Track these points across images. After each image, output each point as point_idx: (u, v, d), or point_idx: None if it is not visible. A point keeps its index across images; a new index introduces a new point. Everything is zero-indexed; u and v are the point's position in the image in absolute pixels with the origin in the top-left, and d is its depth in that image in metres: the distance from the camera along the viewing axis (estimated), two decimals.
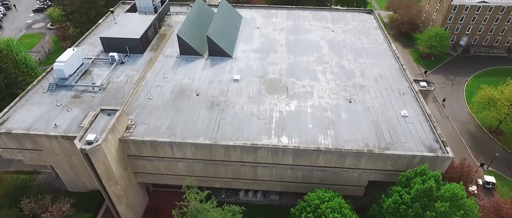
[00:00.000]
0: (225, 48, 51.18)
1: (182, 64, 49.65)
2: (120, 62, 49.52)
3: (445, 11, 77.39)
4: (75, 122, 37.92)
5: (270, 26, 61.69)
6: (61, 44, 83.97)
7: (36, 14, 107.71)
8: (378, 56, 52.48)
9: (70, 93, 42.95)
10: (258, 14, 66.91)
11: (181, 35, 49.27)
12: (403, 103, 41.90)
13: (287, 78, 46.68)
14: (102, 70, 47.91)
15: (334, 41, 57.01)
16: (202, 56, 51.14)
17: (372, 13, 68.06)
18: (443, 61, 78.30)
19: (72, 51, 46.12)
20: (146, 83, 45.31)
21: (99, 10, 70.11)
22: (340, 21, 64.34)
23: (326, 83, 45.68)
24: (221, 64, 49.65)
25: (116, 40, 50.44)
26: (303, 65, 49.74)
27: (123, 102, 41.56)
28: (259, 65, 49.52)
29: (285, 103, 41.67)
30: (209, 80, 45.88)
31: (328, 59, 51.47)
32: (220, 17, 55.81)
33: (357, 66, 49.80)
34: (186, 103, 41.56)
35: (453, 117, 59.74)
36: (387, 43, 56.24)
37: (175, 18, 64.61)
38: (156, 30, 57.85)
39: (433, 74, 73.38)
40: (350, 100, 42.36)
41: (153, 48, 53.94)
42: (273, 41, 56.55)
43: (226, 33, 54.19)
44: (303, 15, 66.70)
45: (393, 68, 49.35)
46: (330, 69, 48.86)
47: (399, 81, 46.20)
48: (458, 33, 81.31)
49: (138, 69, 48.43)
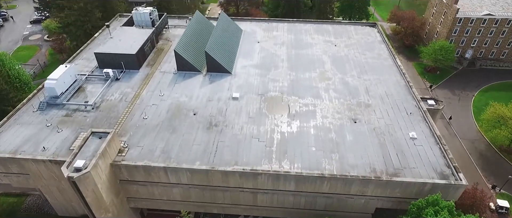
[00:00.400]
0: (224, 64, 49.62)
1: (179, 80, 48.03)
2: (115, 78, 47.94)
3: (450, 24, 76.04)
4: (65, 144, 36.10)
5: (271, 40, 60.29)
6: (57, 57, 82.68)
7: (34, 25, 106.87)
8: (383, 72, 50.84)
9: (61, 113, 41.24)
10: (258, 27, 65.62)
11: (178, 50, 47.78)
12: (411, 123, 40.04)
13: (289, 96, 44.97)
14: (96, 87, 46.31)
15: (337, 56, 55.48)
16: (200, 72, 49.56)
17: (376, 26, 66.74)
18: (449, 75, 76.61)
19: (64, 68, 44.55)
20: (141, 101, 43.62)
21: (95, 23, 68.94)
22: (343, 35, 62.95)
23: (330, 102, 43.93)
24: (220, 81, 48.01)
25: (111, 56, 48.93)
26: (305, 82, 48.08)
27: (117, 122, 39.80)
28: (259, 82, 47.87)
29: (286, 123, 39.86)
30: (207, 98, 44.19)
31: (331, 76, 49.84)
32: (219, 31, 54.44)
33: (362, 83, 48.12)
34: (183, 123, 39.79)
35: (461, 134, 57.75)
36: (392, 58, 54.67)
37: (173, 31, 63.33)
38: (153, 44, 56.45)
39: (439, 89, 71.63)
40: (355, 120, 40.54)
41: (149, 63, 52.42)
42: (274, 56, 55.05)
43: (225, 48, 52.73)
44: (304, 28, 65.39)
45: (399, 85, 47.64)
46: (333, 87, 47.17)
47: (405, 100, 44.43)
48: (464, 46, 79.84)
49: (134, 86, 46.80)
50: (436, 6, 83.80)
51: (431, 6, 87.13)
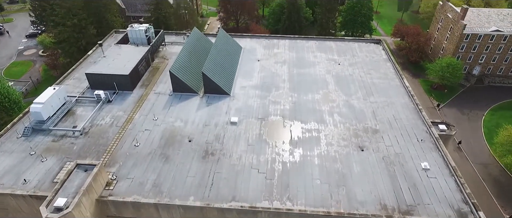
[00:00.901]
0: (222, 85, 47.41)
1: (174, 103, 45.74)
2: (106, 100, 45.67)
3: (456, 40, 74.32)
4: (49, 176, 33.60)
5: (272, 58, 58.25)
6: (51, 73, 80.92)
7: (29, 39, 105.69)
8: (390, 93, 48.55)
9: (47, 139, 38.83)
10: (258, 44, 63.70)
11: (174, 71, 45.63)
12: (423, 152, 37.50)
13: (291, 120, 42.57)
14: (87, 110, 44.02)
15: (341, 75, 53.31)
16: (197, 94, 47.31)
17: (381, 43, 64.78)
18: (456, 92, 74.56)
19: (53, 90, 42.34)
20: (133, 126, 41.23)
21: (90, 39, 67.26)
22: (347, 53, 60.93)
23: (334, 127, 41.49)
24: (217, 104, 45.71)
25: (103, 77, 46.81)
26: (308, 105, 45.74)
27: (106, 150, 37.35)
28: (259, 105, 45.55)
29: (288, 152, 37.35)
30: (204, 123, 41.80)
31: (335, 97, 47.53)
32: (217, 49, 52.45)
33: (368, 106, 45.76)
34: (177, 151, 37.31)
35: (473, 158, 55.19)
36: (399, 79, 52.45)
37: (170, 48, 61.43)
38: (148, 63, 54.41)
39: (447, 108, 69.40)
40: (362, 148, 38.02)
41: (144, 83, 50.26)
42: (274, 75, 52.89)
43: (223, 67, 50.62)
44: (306, 45, 63.44)
45: (408, 108, 45.26)
46: (338, 110, 44.80)
47: (415, 125, 41.98)
48: (471, 62, 78.03)
49: (126, 109, 44.49)
50: (442, 21, 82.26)
51: (436, 21, 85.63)
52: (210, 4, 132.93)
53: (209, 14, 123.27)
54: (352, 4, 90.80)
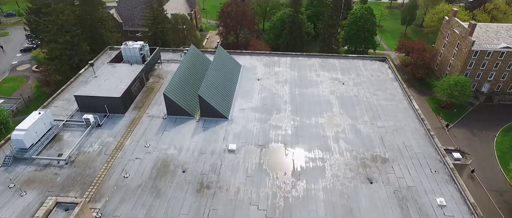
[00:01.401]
0: (220, 107, 44.90)
1: (169, 127, 43.17)
2: (96, 125, 43.13)
3: (464, 57, 72.12)
4: (27, 213, 30.83)
5: (273, 77, 55.91)
6: (43, 90, 78.68)
7: (24, 54, 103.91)
8: (399, 117, 45.97)
9: (29, 169, 36.17)
10: (259, 62, 61.47)
11: (168, 94, 43.19)
12: (437, 185, 34.68)
13: (293, 147, 39.88)
14: (74, 136, 41.46)
15: (346, 96, 50.83)
16: (193, 117, 44.78)
17: (386, 61, 62.52)
18: (465, 111, 71.97)
19: (37, 115, 39.84)
20: (123, 154, 38.57)
21: (83, 56, 65.09)
22: (351, 71, 58.61)
23: (340, 155, 38.77)
24: (214, 128, 43.12)
25: (93, 99, 44.39)
26: (312, 130, 43.12)
27: (92, 182, 34.64)
28: (259, 130, 42.94)
29: (291, 184, 34.57)
30: (199, 151, 39.14)
31: (340, 121, 44.93)
32: (216, 68, 50.17)
33: (375, 131, 43.12)
34: (169, 184, 34.57)
35: (487, 184, 52.26)
36: (407, 100, 49.95)
37: (167, 66, 59.20)
38: (142, 83, 52.07)
39: (456, 128, 66.69)
40: (371, 180, 35.24)
41: (137, 105, 47.79)
42: (276, 96, 50.43)
43: (221, 88, 48.22)
44: (308, 63, 61.19)
45: (418, 134, 42.60)
46: (343, 136, 42.14)
47: (427, 153, 39.25)
48: (480, 79, 75.65)
49: (117, 134, 41.91)
50: (448, 36, 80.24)
51: (442, 36, 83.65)
52: (209, 17, 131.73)
53: (208, 27, 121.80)
54: (355, 19, 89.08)
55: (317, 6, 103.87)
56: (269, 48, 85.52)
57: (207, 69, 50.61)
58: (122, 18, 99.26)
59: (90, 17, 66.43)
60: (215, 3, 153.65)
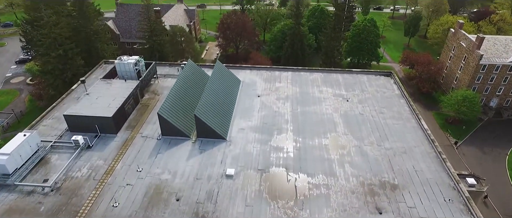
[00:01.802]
0: (218, 128, 42.65)
1: (163, 149, 40.89)
2: (86, 146, 40.86)
3: (472, 71, 70.10)
4: None
5: (273, 94, 53.79)
6: (36, 104, 76.60)
7: (19, 65, 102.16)
8: (407, 138, 43.65)
9: (11, 197, 33.84)
10: (259, 77, 59.45)
11: (163, 114, 40.99)
12: (452, 216, 32.15)
13: (295, 172, 37.50)
14: (62, 159, 39.19)
15: (351, 115, 48.60)
16: (189, 138, 42.50)
17: (391, 76, 60.46)
18: (474, 127, 69.63)
19: (23, 137, 37.64)
20: (113, 180, 36.23)
21: (77, 70, 63.10)
22: (355, 87, 56.49)
23: (346, 181, 36.36)
24: (211, 150, 40.83)
25: (84, 119, 42.22)
26: (315, 152, 40.79)
27: (78, 212, 32.25)
28: (259, 152, 40.62)
29: (293, 215, 32.06)
30: (195, 176, 36.79)
31: (345, 143, 42.60)
32: (213, 85, 48.07)
33: (383, 153, 40.76)
34: (162, 214, 32.24)
35: (502, 209, 49.69)
36: (415, 118, 47.69)
37: (163, 82, 57.19)
38: (136, 100, 49.97)
39: (465, 145, 64.27)
40: (380, 210, 32.78)
41: (130, 125, 45.58)
42: (276, 115, 48.22)
43: (219, 106, 46.04)
44: (311, 78, 59.13)
45: (429, 157, 40.21)
46: (349, 159, 39.77)
47: (440, 179, 36.83)
48: (488, 94, 73.49)
49: (107, 157, 39.62)
50: (454, 49, 78.36)
51: (448, 49, 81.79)
52: (209, 28, 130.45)
53: (208, 39, 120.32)
54: (358, 31, 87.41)
55: (319, 17, 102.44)
56: (269, 60, 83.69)
57: (205, 85, 48.64)
58: (119, 29, 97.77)
59: (85, 30, 64.65)
60: (215, 13, 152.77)
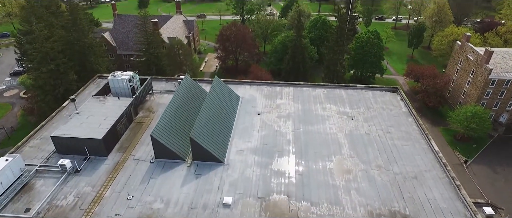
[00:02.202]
0: (215, 150, 40.26)
1: (156, 173, 38.45)
2: (73, 170, 38.45)
3: (481, 86, 67.86)
4: None
5: (274, 111, 51.48)
6: (29, 119, 74.30)
7: (13, 78, 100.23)
8: (417, 161, 41.17)
9: None
10: (259, 93, 57.24)
11: (156, 136, 38.65)
12: None
13: (298, 201, 35.03)
14: (47, 184, 36.80)
15: (356, 135, 46.19)
16: (184, 161, 40.09)
17: (397, 92, 58.20)
18: (484, 144, 67.07)
19: (4, 162, 35.29)
20: (101, 209, 33.76)
21: (69, 85, 60.94)
22: (360, 104, 54.18)
23: (353, 211, 33.86)
24: (208, 175, 38.39)
25: (72, 141, 39.94)
26: (319, 177, 38.31)
27: None
28: (259, 177, 38.16)
29: None
30: (190, 204, 34.33)
31: (351, 166, 40.13)
32: (211, 103, 45.85)
33: (392, 178, 38.25)
34: None
35: None
36: (425, 139, 45.26)
37: (159, 98, 55.01)
38: (130, 119, 47.68)
39: (475, 164, 61.66)
40: None
41: (122, 146, 43.21)
42: (277, 135, 45.84)
43: (217, 126, 43.73)
44: (313, 94, 56.87)
45: (442, 183, 37.68)
46: (355, 185, 37.26)
47: (454, 208, 34.27)
48: (497, 109, 71.10)
49: (96, 182, 37.19)
50: (461, 62, 76.29)
51: (454, 62, 79.72)
52: (209, 38, 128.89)
53: (207, 50, 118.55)
54: (361, 43, 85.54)
55: (320, 29, 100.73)
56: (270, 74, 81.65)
57: (202, 102, 46.55)
58: (116, 41, 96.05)
59: (79, 43, 62.73)
60: (215, 24, 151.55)
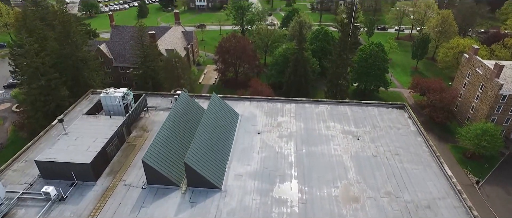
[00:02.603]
0: (211, 176, 37.68)
1: (148, 201, 35.86)
2: (58, 198, 35.84)
3: (491, 101, 65.44)
4: None
5: (275, 130, 49.00)
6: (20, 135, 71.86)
7: (7, 90, 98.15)
8: (429, 187, 38.52)
9: None
10: (259, 109, 54.84)
11: (148, 161, 36.12)
12: None
13: None
14: (30, 214, 34.30)
15: (363, 157, 43.59)
16: (178, 187, 37.48)
17: (405, 109, 55.69)
18: (496, 162, 64.33)
19: None
20: None
21: (61, 101, 58.53)
22: (366, 122, 51.69)
23: None
24: (204, 202, 35.82)
25: (58, 165, 37.46)
26: (324, 205, 35.66)
27: None
28: (259, 205, 35.55)
29: None
30: None
31: (358, 193, 37.47)
32: (208, 125, 43.36)
33: (403, 207, 35.57)
34: None
35: None
36: (436, 162, 42.62)
37: (154, 116, 52.64)
38: (122, 140, 45.24)
39: (488, 184, 58.87)
40: None
41: (113, 169, 40.69)
42: (279, 157, 43.29)
43: (214, 150, 41.21)
44: (316, 111, 54.43)
45: (457, 212, 34.99)
46: (363, 215, 34.52)
47: None
48: (508, 125, 68.48)
49: (82, 212, 34.65)
50: (469, 76, 73.98)
51: (462, 75, 77.48)
52: (208, 49, 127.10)
53: (206, 61, 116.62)
54: (365, 56, 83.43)
55: (322, 40, 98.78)
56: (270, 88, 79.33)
57: (199, 121, 44.20)
58: (113, 53, 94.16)
59: (72, 57, 60.60)
60: (215, 34, 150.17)
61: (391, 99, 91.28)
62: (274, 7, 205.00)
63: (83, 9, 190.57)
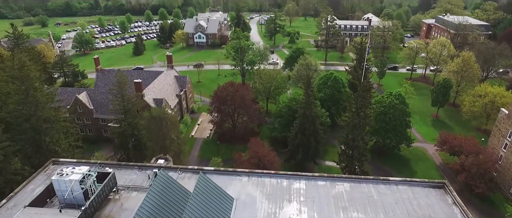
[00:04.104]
0: None
1: None
2: None
3: None
4: None
5: None
6: None
7: None
8: None
9: None
10: (259, 190, 44.47)
11: None
12: None
13: None
14: None
15: None
16: None
17: (445, 188, 44.90)
18: None
19: None
20: None
21: (11, 176, 48.06)
22: (397, 209, 41.04)
23: None
24: None
25: None
26: None
27: None
28: None
29: None
30: None
31: None
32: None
33: None
34: None
35: None
36: None
37: (125, 200, 42.17)
38: None
39: None
40: None
41: None
42: None
43: None
44: (333, 194, 43.86)
45: None
46: None
47: None
48: None
49: None
50: (510, 136, 63.65)
51: (500, 134, 67.30)
52: (204, 93, 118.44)
53: (201, 108, 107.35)
54: (383, 109, 73.93)
55: (332, 87, 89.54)
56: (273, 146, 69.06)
57: (182, 210, 34.02)
58: (94, 103, 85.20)
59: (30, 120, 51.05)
60: (213, 75, 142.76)
61: (415, 158, 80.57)
62: (276, 44, 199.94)
63: (77, 46, 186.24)
